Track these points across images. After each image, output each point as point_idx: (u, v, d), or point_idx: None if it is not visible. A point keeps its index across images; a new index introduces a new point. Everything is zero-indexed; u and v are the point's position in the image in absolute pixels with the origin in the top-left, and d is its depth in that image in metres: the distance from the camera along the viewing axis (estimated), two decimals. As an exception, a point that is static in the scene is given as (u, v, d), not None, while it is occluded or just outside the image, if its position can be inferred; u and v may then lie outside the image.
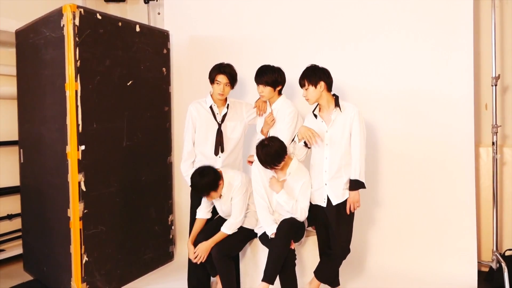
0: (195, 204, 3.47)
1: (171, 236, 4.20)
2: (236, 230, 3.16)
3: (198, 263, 3.12)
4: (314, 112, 3.11)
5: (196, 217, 3.30)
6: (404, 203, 3.78)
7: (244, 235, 3.18)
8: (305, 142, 3.06)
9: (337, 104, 3.03)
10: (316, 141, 2.99)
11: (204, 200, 3.29)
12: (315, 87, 3.01)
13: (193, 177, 3.09)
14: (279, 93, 3.33)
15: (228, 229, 3.14)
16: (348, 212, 3.01)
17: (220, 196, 3.17)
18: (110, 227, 3.53)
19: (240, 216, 3.15)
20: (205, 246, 3.10)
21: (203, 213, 3.30)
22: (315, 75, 3.02)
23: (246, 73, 3.34)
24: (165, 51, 4.11)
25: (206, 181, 3.05)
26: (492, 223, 3.66)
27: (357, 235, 3.25)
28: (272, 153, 2.96)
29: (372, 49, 3.83)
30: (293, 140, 3.14)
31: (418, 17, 3.68)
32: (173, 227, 4.22)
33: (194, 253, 3.11)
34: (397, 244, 3.79)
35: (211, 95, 3.45)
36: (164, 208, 4.12)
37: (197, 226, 3.26)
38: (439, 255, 3.64)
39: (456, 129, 3.60)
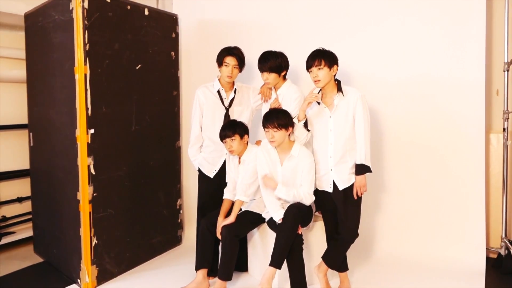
0: (203, 188, 3.53)
1: (179, 220, 4.23)
2: (249, 200, 3.25)
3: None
4: (317, 99, 3.08)
5: (224, 197, 3.34)
6: (412, 189, 3.77)
7: (254, 218, 3.21)
8: (305, 123, 3.07)
9: (339, 89, 3.03)
10: (317, 97, 3.01)
11: (230, 179, 3.35)
12: (330, 69, 2.98)
13: (229, 121, 3.32)
14: (284, 78, 3.33)
15: (244, 195, 3.21)
16: (355, 196, 3.02)
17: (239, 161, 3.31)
18: (119, 211, 3.56)
19: (250, 180, 3.21)
20: (229, 221, 3.15)
21: (231, 194, 3.33)
22: (332, 57, 3.00)
23: (255, 58, 3.34)
24: (173, 35, 4.09)
25: (241, 123, 3.26)
26: (501, 209, 3.65)
27: (364, 220, 3.25)
28: (281, 109, 3.09)
29: (381, 34, 3.80)
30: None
31: (429, 1, 3.63)
32: (181, 211, 4.24)
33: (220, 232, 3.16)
34: (404, 229, 3.79)
35: (219, 79, 3.45)
36: (172, 192, 4.14)
37: (225, 208, 3.28)
38: (447, 241, 3.64)
39: (466, 115, 3.58)
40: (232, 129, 3.21)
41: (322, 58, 2.96)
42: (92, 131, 3.30)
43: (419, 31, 3.68)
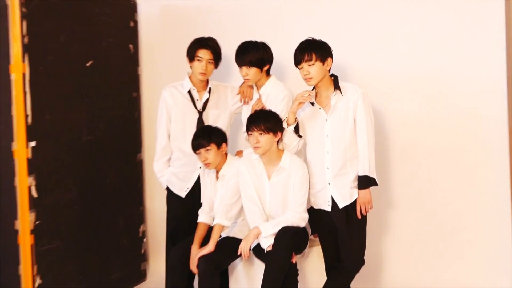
0: (172, 211, 3.55)
1: (142, 251, 4.20)
2: (230, 224, 3.24)
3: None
4: (310, 98, 3.10)
5: (198, 220, 3.32)
6: (426, 204, 3.80)
7: (236, 245, 3.14)
8: (295, 128, 3.09)
9: (336, 86, 3.05)
10: (310, 97, 3.03)
11: (205, 198, 3.35)
12: (323, 63, 2.99)
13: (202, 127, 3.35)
14: (267, 73, 3.35)
15: (225, 218, 3.18)
16: (359, 215, 3.04)
17: (217, 177, 3.30)
18: (69, 242, 3.50)
19: (231, 200, 3.19)
20: (208, 250, 3.11)
21: (208, 217, 3.33)
22: (324, 49, 3.02)
23: (231, 51, 3.35)
24: (132, 24, 4.10)
25: (218, 129, 3.26)
26: (529, 225, 3.71)
27: (370, 243, 3.27)
28: (269, 111, 3.12)
29: (386, 20, 3.83)
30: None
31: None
32: (145, 240, 4.22)
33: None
34: (418, 253, 3.82)
35: (190, 77, 3.47)
36: (134, 217, 4.12)
37: (200, 234, 3.26)
38: (468, 265, 3.67)
39: (486, 115, 3.63)
40: (207, 137, 3.19)
41: (313, 51, 2.98)
42: (33, 143, 3.24)
43: (432, 19, 3.72)
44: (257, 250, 3.09)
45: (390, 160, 3.87)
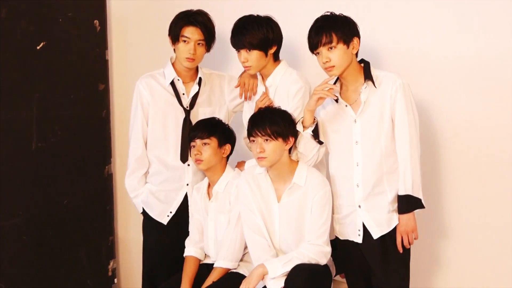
0: (151, 242, 3.56)
1: (113, 295, 4.22)
2: (236, 267, 3.22)
3: None
4: (334, 92, 3.08)
5: (185, 254, 3.32)
6: (489, 232, 3.69)
7: (237, 285, 3.10)
8: (314, 132, 3.06)
9: (368, 76, 3.02)
10: (333, 91, 3.00)
11: (194, 224, 3.36)
12: (348, 46, 2.95)
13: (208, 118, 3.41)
14: (275, 59, 3.34)
15: (227, 259, 3.18)
16: (399, 248, 3.01)
17: (210, 195, 3.33)
18: (14, 284, 3.51)
19: (242, 242, 3.20)
20: None
21: (197, 249, 3.35)
22: (348, 26, 2.98)
23: (228, 28, 3.32)
24: (97, -7, 4.13)
25: (226, 125, 3.39)
26: None
27: (415, 284, 3.25)
28: (277, 109, 3.12)
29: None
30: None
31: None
32: (116, 280, 4.23)
33: None
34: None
35: (173, 64, 3.49)
36: (101, 249, 4.13)
37: (190, 271, 3.25)
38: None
39: None
40: (209, 128, 3.24)
41: (333, 30, 2.94)
42: (-33, 153, 3.28)
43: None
44: (265, 294, 3.10)
45: (441, 174, 3.81)
